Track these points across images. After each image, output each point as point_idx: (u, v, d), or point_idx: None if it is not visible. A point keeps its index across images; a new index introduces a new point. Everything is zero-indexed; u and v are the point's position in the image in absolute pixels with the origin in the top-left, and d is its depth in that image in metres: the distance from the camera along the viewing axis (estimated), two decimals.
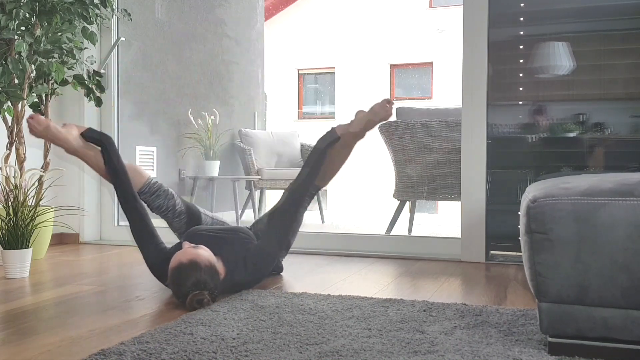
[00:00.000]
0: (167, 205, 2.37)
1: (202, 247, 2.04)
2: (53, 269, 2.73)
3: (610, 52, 3.05)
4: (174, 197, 2.40)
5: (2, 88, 2.78)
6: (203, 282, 1.89)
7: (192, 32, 5.33)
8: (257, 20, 6.53)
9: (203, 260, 1.94)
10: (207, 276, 1.91)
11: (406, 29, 13.17)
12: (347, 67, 13.68)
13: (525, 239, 1.45)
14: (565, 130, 3.06)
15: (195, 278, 1.89)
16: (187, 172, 5.16)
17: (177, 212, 2.39)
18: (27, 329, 1.70)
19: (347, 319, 1.77)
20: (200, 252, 1.97)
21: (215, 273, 1.97)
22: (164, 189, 2.38)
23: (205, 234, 2.21)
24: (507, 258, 3.01)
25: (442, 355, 1.42)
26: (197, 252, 1.97)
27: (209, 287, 1.90)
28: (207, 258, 1.97)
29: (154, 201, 2.35)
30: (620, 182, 1.40)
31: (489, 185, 2.99)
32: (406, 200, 4.11)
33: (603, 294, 1.37)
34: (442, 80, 12.88)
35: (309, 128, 12.86)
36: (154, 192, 2.35)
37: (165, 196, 2.37)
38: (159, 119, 4.85)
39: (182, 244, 2.10)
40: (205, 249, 2.03)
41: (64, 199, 3.59)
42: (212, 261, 1.99)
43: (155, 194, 2.35)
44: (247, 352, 1.43)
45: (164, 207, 2.36)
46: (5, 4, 2.74)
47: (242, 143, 5.62)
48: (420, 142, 3.88)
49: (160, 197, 2.36)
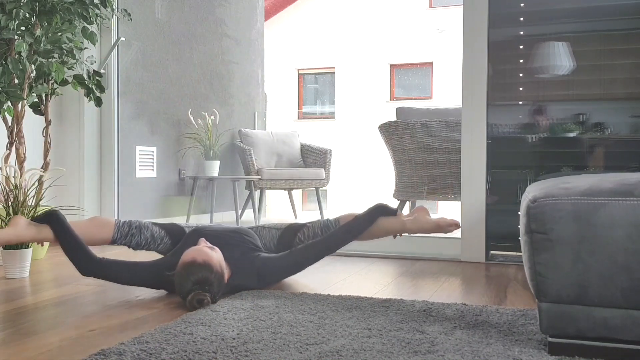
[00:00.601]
0: (146, 238, 2.34)
1: (217, 249, 2.05)
2: (53, 269, 2.73)
3: (610, 52, 3.05)
4: (149, 227, 2.36)
5: (2, 88, 2.78)
6: (209, 283, 1.90)
7: (192, 32, 5.33)
8: (257, 20, 6.53)
9: (215, 264, 1.94)
10: (214, 280, 1.92)
11: (406, 29, 13.17)
12: (347, 67, 13.68)
13: (525, 239, 1.45)
14: (565, 130, 3.06)
15: (203, 277, 1.89)
16: (187, 172, 5.16)
17: (158, 239, 2.36)
18: (27, 329, 1.70)
19: (347, 319, 1.77)
20: (214, 256, 1.98)
21: (222, 278, 1.97)
22: (135, 225, 2.34)
23: (210, 234, 2.21)
24: (507, 258, 3.01)
25: (442, 355, 1.42)
26: (212, 254, 1.97)
27: (212, 291, 1.91)
28: (219, 262, 1.98)
29: (130, 241, 2.32)
30: (620, 182, 1.40)
31: (489, 185, 2.99)
32: (406, 200, 4.11)
33: (603, 294, 1.37)
34: (442, 80, 12.89)
35: (309, 128, 12.88)
36: (127, 234, 2.32)
37: (139, 232, 2.33)
38: (159, 119, 4.85)
39: (199, 240, 2.11)
40: (219, 253, 2.04)
41: (64, 199, 3.59)
42: (223, 267, 2.01)
43: (128, 235, 2.32)
44: (247, 352, 1.43)
45: (143, 242, 2.34)
46: (5, 4, 2.74)
47: (242, 143, 5.62)
48: (420, 142, 3.88)
49: (135, 235, 2.33)
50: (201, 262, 1.91)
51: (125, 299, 2.09)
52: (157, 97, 4.83)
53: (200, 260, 1.92)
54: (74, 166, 3.63)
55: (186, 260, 1.93)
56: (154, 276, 2.11)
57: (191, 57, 5.31)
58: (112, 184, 3.75)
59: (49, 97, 3.15)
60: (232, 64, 6.00)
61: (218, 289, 1.94)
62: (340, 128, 13.37)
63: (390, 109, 11.97)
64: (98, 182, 3.74)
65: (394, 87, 13.52)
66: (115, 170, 3.77)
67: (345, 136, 13.02)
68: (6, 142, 3.01)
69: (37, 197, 2.85)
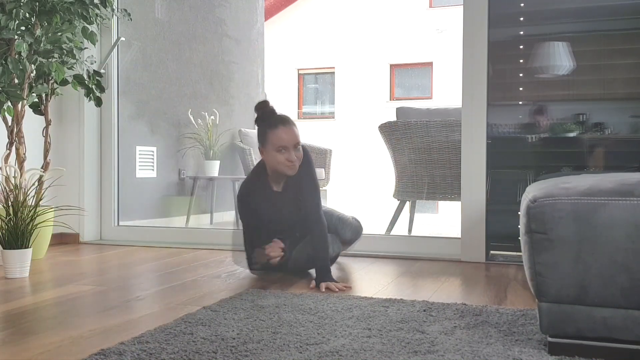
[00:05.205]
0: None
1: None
2: (53, 269, 2.73)
3: (610, 52, 3.05)
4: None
5: (2, 88, 2.78)
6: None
7: (192, 32, 5.33)
8: (257, 20, 6.53)
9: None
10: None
11: (406, 29, 13.16)
12: (347, 67, 13.68)
13: (525, 239, 1.45)
14: (565, 130, 3.06)
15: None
16: (187, 172, 5.16)
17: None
18: (27, 329, 1.70)
19: (347, 319, 1.77)
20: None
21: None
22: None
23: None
24: (507, 258, 3.01)
25: (442, 355, 1.42)
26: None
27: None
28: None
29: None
30: (620, 182, 1.40)
31: (489, 185, 2.99)
32: (406, 200, 4.11)
33: (603, 293, 1.37)
34: (442, 80, 12.88)
35: (309, 128, 12.87)
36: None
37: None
38: (159, 119, 4.85)
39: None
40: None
41: (64, 199, 3.59)
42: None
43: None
44: (247, 352, 1.43)
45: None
46: (5, 4, 2.74)
47: (242, 143, 5.62)
48: (420, 142, 3.88)
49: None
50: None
51: (125, 299, 2.09)
52: (157, 97, 4.83)
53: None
54: (74, 166, 3.63)
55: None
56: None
57: (191, 57, 5.31)
58: (112, 184, 3.75)
59: (49, 97, 3.15)
60: (232, 64, 6.00)
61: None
62: (340, 128, 13.36)
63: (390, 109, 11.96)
64: (98, 182, 3.74)
65: (394, 87, 13.51)
66: (115, 170, 3.77)
67: (345, 136, 13.01)
68: (6, 142, 3.01)
69: (37, 197, 2.85)
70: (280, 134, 2.41)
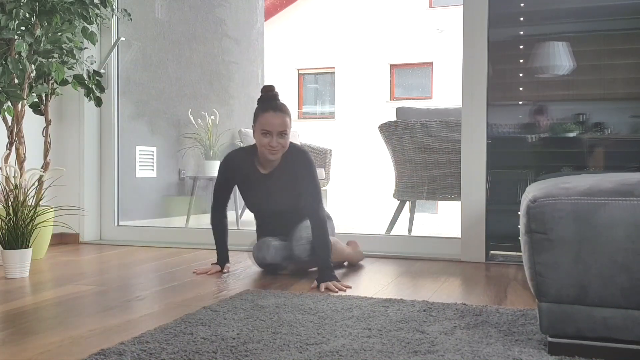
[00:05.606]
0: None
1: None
2: (53, 269, 2.73)
3: (610, 52, 3.05)
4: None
5: (2, 88, 2.78)
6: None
7: (192, 32, 5.33)
8: (257, 20, 6.53)
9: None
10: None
11: (406, 29, 13.16)
12: (347, 67, 13.67)
13: (525, 239, 1.45)
14: (565, 130, 3.06)
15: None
16: (187, 172, 5.16)
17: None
18: (27, 329, 1.70)
19: (347, 319, 1.77)
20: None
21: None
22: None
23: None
24: (507, 258, 3.01)
25: (442, 355, 1.42)
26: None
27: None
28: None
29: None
30: (620, 182, 1.40)
31: (489, 185, 2.99)
32: (406, 200, 4.11)
33: (603, 293, 1.37)
34: (442, 80, 12.88)
35: (309, 128, 12.87)
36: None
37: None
38: (159, 119, 4.85)
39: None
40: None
41: (64, 199, 3.59)
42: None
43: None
44: (247, 352, 1.43)
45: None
46: (5, 4, 2.74)
47: (242, 143, 5.62)
48: (420, 142, 3.88)
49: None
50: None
51: (125, 299, 2.09)
52: (157, 97, 4.83)
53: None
54: (74, 166, 3.63)
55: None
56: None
57: (191, 57, 5.31)
58: (112, 184, 3.75)
59: (49, 97, 3.15)
60: (232, 64, 6.00)
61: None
62: (340, 128, 13.36)
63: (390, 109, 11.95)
64: (98, 182, 3.74)
65: (394, 87, 13.51)
66: (115, 170, 3.77)
67: (345, 136, 13.00)
68: (6, 142, 3.01)
69: (37, 197, 2.85)
70: (268, 118, 2.46)
